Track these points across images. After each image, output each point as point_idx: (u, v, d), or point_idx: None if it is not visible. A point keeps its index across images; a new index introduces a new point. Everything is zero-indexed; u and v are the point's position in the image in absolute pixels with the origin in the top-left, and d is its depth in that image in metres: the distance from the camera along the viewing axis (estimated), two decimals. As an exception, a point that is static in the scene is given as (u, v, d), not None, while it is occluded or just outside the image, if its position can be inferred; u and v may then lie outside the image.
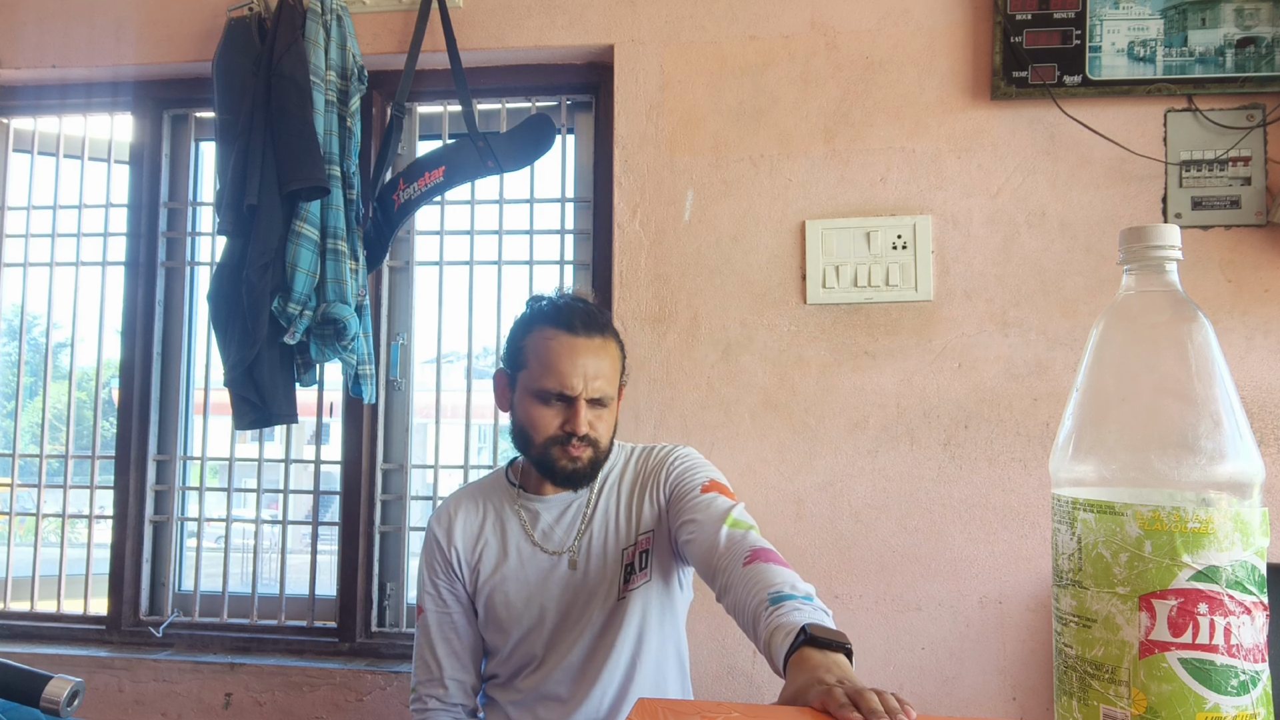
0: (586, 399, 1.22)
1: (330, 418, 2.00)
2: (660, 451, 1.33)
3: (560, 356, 1.21)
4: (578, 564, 1.28)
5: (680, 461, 1.30)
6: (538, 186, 1.95)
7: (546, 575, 1.29)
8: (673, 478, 1.28)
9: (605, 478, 1.32)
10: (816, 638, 0.87)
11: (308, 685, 1.82)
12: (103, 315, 2.07)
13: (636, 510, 1.30)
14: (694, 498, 1.22)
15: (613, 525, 1.29)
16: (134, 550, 1.99)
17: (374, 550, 1.94)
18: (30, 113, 2.11)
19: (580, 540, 1.29)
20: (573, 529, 1.30)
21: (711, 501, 1.20)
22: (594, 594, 1.27)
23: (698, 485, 1.24)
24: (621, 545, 1.28)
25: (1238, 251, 1.63)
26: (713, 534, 1.14)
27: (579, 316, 1.24)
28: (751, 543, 1.10)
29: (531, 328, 1.26)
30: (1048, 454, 1.50)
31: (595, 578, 1.27)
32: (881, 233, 1.70)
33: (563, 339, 1.22)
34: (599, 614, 1.27)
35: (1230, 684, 0.52)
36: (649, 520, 1.28)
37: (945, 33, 1.73)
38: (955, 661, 1.65)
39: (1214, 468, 0.54)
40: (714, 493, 1.22)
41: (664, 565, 1.29)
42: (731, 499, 1.21)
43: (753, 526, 1.15)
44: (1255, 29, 1.62)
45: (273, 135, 1.65)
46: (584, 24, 1.82)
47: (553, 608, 1.28)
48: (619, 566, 1.27)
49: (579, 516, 1.30)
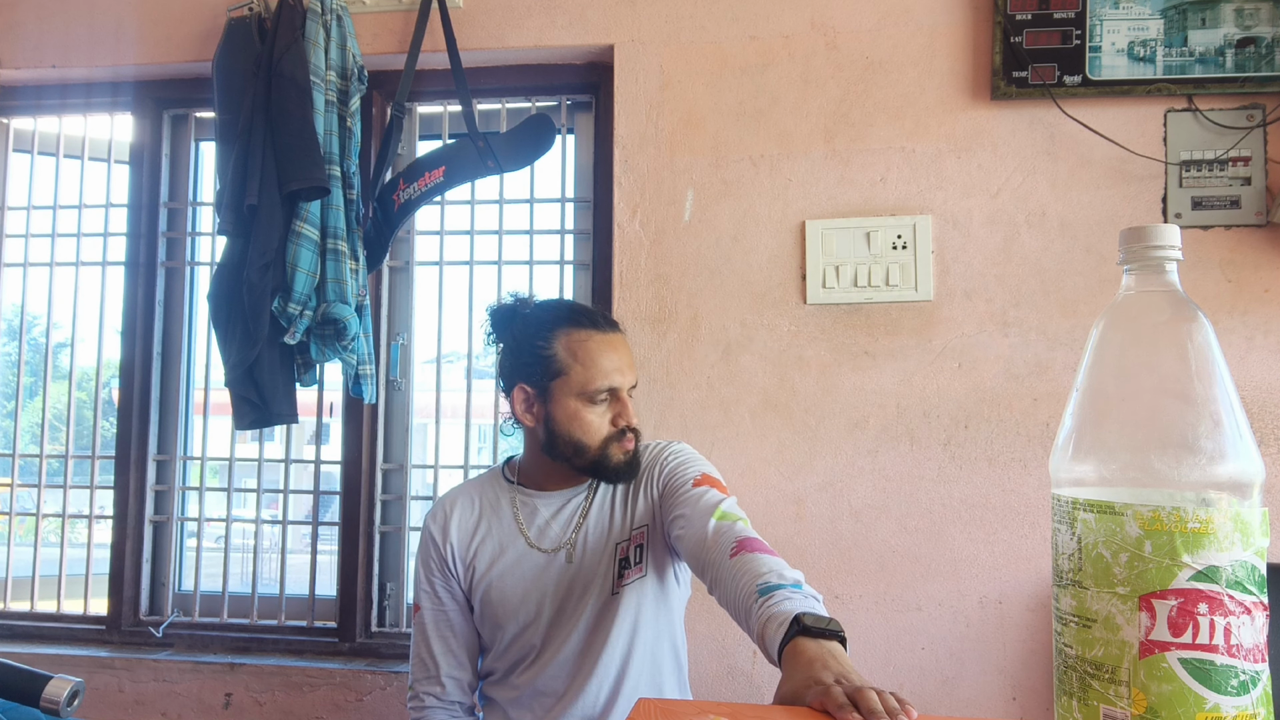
0: (629, 387, 1.28)
1: (330, 418, 2.00)
2: (655, 448, 1.34)
3: (603, 355, 1.25)
4: (573, 558, 1.28)
5: (674, 457, 1.31)
6: (538, 186, 1.95)
7: (542, 570, 1.29)
8: (666, 473, 1.29)
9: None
10: (809, 627, 0.87)
11: (308, 685, 1.82)
12: (103, 315, 2.07)
13: (631, 505, 1.30)
14: (685, 492, 1.22)
15: (607, 520, 1.30)
16: (134, 550, 1.99)
17: (374, 550, 1.94)
18: (30, 113, 2.11)
19: (576, 535, 1.30)
20: (569, 524, 1.31)
21: (702, 495, 1.20)
22: (588, 588, 1.28)
23: (689, 480, 1.24)
24: (615, 540, 1.29)
25: (1238, 251, 1.63)
26: (701, 527, 1.14)
27: (595, 314, 1.29)
28: (737, 534, 1.10)
29: (555, 334, 1.26)
30: (1048, 454, 1.50)
31: (589, 571, 1.28)
32: (881, 233, 1.70)
33: (597, 338, 1.26)
34: (593, 608, 1.27)
35: (1230, 684, 0.52)
36: (643, 515, 1.29)
37: (945, 33, 1.73)
38: (955, 661, 1.65)
39: (1214, 468, 0.54)
40: (705, 487, 1.22)
41: (659, 560, 1.29)
42: (723, 493, 1.21)
43: (740, 518, 1.14)
44: (1255, 29, 1.62)
45: (273, 135, 1.65)
46: (584, 24, 1.82)
47: (548, 602, 1.29)
48: (613, 561, 1.28)
49: (576, 512, 1.31)
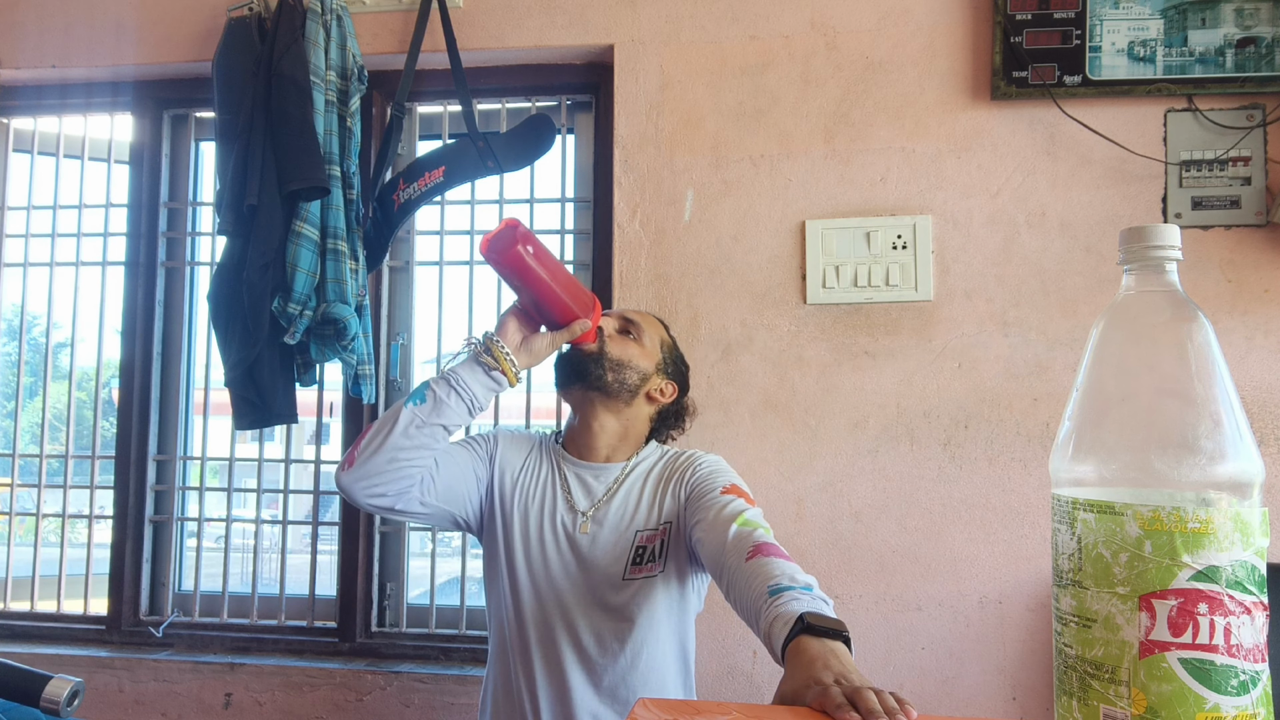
0: (619, 315, 1.41)
1: (330, 418, 2.00)
2: (690, 454, 1.38)
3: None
4: (589, 528, 1.32)
5: (706, 465, 1.34)
6: (538, 186, 1.95)
7: (560, 523, 1.33)
8: (697, 477, 1.32)
9: (636, 465, 1.37)
10: (812, 625, 0.87)
11: (308, 685, 1.82)
12: (103, 315, 2.07)
13: (660, 501, 1.33)
14: (712, 498, 1.25)
15: (632, 506, 1.33)
16: (134, 550, 1.99)
17: (374, 550, 1.94)
18: (30, 113, 2.11)
19: (599, 509, 1.33)
20: (596, 496, 1.35)
21: (729, 503, 1.22)
22: (598, 565, 1.30)
23: (718, 487, 1.27)
24: (636, 527, 1.31)
25: (1238, 251, 1.63)
26: (723, 532, 1.16)
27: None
28: (756, 539, 1.11)
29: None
30: (1048, 454, 1.50)
31: (602, 549, 1.30)
32: (881, 233, 1.70)
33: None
34: (602, 591, 1.29)
35: (1230, 684, 0.52)
36: (669, 513, 1.32)
37: (945, 33, 1.72)
38: (955, 661, 1.65)
39: (1214, 468, 0.54)
40: (732, 495, 1.24)
41: (679, 562, 1.31)
42: (750, 504, 1.24)
43: (762, 526, 1.16)
44: (1255, 29, 1.62)
45: (273, 135, 1.65)
46: (584, 24, 1.82)
47: (557, 557, 1.31)
48: (629, 546, 1.30)
49: (607, 488, 1.35)
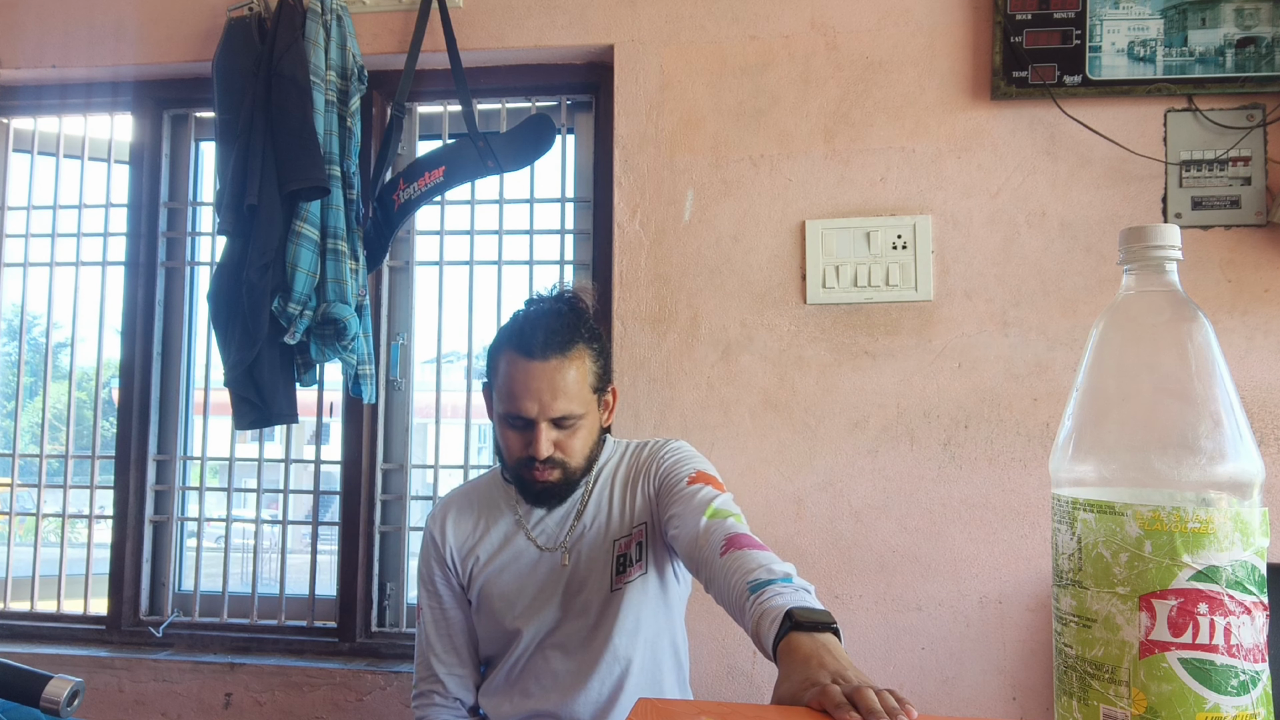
0: (548, 419, 1.21)
1: (330, 418, 2.00)
2: (652, 445, 1.34)
3: (515, 381, 1.20)
4: (570, 558, 1.29)
5: (670, 454, 1.31)
6: (538, 186, 1.95)
7: (540, 569, 1.30)
8: (662, 470, 1.29)
9: (600, 471, 1.33)
10: (801, 621, 0.87)
11: (308, 685, 1.82)
12: (103, 315, 2.07)
13: (630, 503, 1.30)
14: (680, 490, 1.22)
15: (604, 517, 1.30)
16: (134, 550, 1.99)
17: (374, 550, 1.94)
18: (30, 113, 2.11)
19: (572, 533, 1.30)
20: (565, 522, 1.31)
21: (696, 493, 1.20)
22: (585, 585, 1.28)
23: (684, 477, 1.24)
24: (613, 536, 1.29)
25: (1238, 251, 1.63)
26: (694, 526, 1.14)
27: (539, 336, 1.20)
28: (727, 530, 1.09)
29: (499, 349, 1.25)
30: (1048, 454, 1.50)
31: (586, 569, 1.28)
32: (881, 233, 1.70)
33: (519, 364, 1.20)
34: (593, 606, 1.27)
35: (1230, 684, 0.52)
36: (641, 512, 1.29)
37: (945, 33, 1.73)
38: (955, 661, 1.65)
39: (1214, 468, 0.54)
40: (699, 484, 1.22)
41: (658, 558, 1.29)
42: (718, 489, 1.21)
43: (732, 514, 1.14)
44: (1255, 29, 1.62)
45: (273, 135, 1.65)
46: (584, 24, 1.82)
47: (547, 601, 1.29)
48: (610, 557, 1.28)
49: (571, 511, 1.31)
